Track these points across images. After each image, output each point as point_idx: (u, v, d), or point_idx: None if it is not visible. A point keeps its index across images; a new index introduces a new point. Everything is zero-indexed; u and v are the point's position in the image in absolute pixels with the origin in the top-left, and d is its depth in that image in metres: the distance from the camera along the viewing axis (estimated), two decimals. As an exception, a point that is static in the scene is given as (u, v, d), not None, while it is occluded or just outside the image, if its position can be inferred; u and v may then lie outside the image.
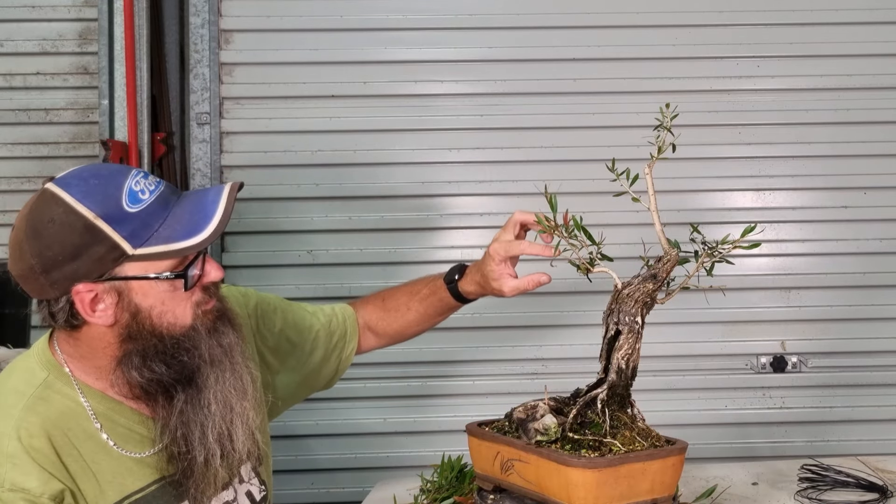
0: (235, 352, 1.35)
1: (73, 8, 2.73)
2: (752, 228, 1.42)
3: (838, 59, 2.78)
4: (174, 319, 1.28)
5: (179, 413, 1.29)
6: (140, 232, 1.23)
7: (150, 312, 1.27)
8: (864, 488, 1.73)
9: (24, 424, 1.24)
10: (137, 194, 1.25)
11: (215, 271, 1.31)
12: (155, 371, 1.27)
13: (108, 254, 1.22)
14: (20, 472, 1.22)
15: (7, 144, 2.72)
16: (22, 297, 2.50)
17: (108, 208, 1.22)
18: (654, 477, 1.37)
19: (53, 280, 1.23)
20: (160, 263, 1.25)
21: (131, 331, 1.27)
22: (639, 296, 1.45)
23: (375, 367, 2.73)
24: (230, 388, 1.33)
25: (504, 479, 1.47)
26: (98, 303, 1.25)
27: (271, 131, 2.74)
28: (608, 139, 2.70)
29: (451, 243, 2.77)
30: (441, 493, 1.68)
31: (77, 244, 1.21)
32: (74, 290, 1.23)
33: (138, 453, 1.33)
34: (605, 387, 1.45)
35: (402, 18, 2.76)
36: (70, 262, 1.22)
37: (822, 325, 2.79)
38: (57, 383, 1.30)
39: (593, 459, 1.33)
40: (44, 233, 1.22)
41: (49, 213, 1.23)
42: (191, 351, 1.29)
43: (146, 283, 1.25)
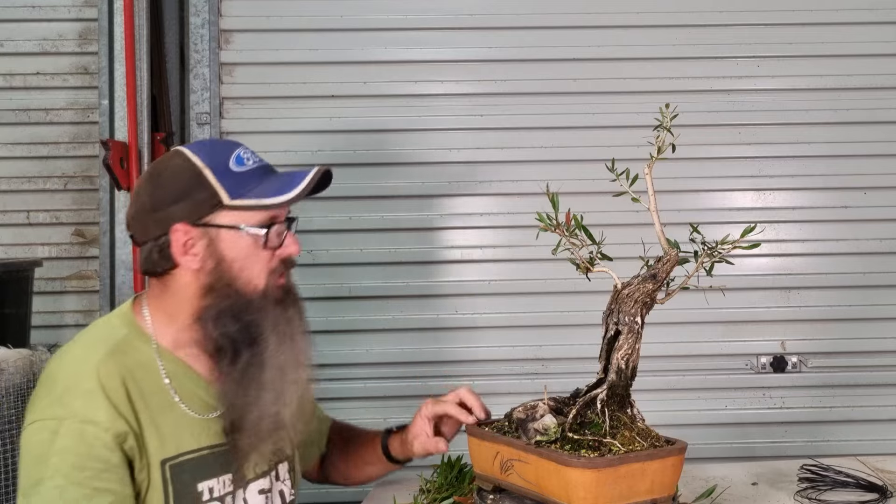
0: (296, 327, 1.48)
1: (73, 8, 2.73)
2: (752, 229, 1.42)
3: (838, 59, 2.78)
4: (250, 277, 1.43)
5: (241, 370, 1.42)
6: (238, 188, 1.42)
7: (232, 264, 1.42)
8: (863, 488, 1.73)
9: (102, 366, 1.37)
10: (243, 160, 1.46)
11: (294, 245, 1.48)
12: (227, 327, 1.41)
13: (208, 200, 1.41)
14: (93, 406, 1.34)
15: (7, 144, 2.72)
16: (22, 297, 2.52)
17: (216, 163, 1.42)
18: (653, 477, 1.37)
19: (158, 218, 1.41)
20: (249, 216, 1.42)
21: (213, 280, 1.42)
22: (638, 296, 1.45)
23: (375, 367, 2.74)
24: (288, 357, 1.46)
25: (504, 478, 1.47)
26: (191, 246, 1.41)
27: (271, 131, 2.74)
28: (608, 139, 2.70)
29: (451, 243, 2.78)
30: (441, 493, 1.68)
31: (184, 188, 1.41)
32: (173, 229, 1.40)
33: (199, 415, 1.45)
34: (605, 387, 1.45)
35: (402, 18, 2.76)
36: (175, 202, 1.40)
37: (822, 325, 2.79)
38: (135, 341, 1.44)
39: (593, 459, 1.33)
40: (160, 176, 1.44)
41: (169, 162, 1.45)
42: (259, 312, 1.43)
43: (234, 234, 1.42)
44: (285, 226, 1.47)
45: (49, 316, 2.71)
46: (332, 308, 2.75)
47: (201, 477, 1.43)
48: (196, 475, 1.43)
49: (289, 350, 1.46)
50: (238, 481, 1.48)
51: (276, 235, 1.44)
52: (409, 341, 2.75)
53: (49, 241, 2.73)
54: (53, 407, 1.35)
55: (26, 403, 1.97)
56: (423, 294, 2.76)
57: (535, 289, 2.74)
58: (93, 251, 2.72)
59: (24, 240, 2.73)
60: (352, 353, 2.73)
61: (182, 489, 1.41)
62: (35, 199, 2.73)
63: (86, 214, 2.73)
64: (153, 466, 1.38)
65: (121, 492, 1.34)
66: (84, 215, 2.73)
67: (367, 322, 2.75)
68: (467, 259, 2.78)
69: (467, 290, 2.76)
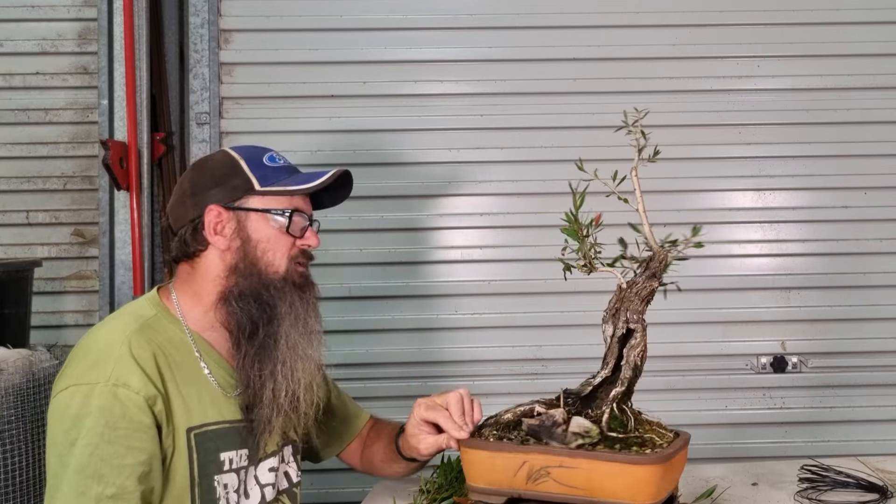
0: (311, 311, 1.61)
1: (73, 8, 2.73)
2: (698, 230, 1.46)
3: (838, 59, 2.78)
4: (273, 259, 1.58)
5: (259, 346, 1.54)
6: (268, 178, 1.61)
7: (257, 246, 1.57)
8: (863, 489, 1.73)
9: (134, 337, 1.49)
10: (275, 158, 1.66)
11: (314, 238, 1.66)
12: (248, 307, 1.54)
13: (241, 185, 1.58)
14: (125, 370, 1.45)
15: (6, 144, 2.72)
16: (21, 298, 2.52)
17: (251, 157, 1.63)
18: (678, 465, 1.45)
19: (196, 201, 1.58)
20: (276, 201, 1.60)
21: (238, 260, 1.56)
22: (645, 294, 1.47)
23: (375, 367, 2.73)
24: (300, 337, 1.58)
25: (531, 488, 1.41)
26: (221, 227, 1.56)
27: (271, 131, 2.74)
28: (608, 139, 2.68)
29: (451, 243, 2.77)
30: (440, 494, 1.68)
31: (222, 175, 1.59)
32: (208, 209, 1.57)
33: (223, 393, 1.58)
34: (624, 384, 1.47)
35: (402, 18, 2.76)
36: (213, 187, 1.58)
37: (822, 326, 2.79)
38: (164, 320, 1.57)
39: (656, 455, 1.37)
40: (203, 167, 1.64)
41: (213, 156, 1.67)
42: (277, 294, 1.56)
43: (261, 218, 1.58)
44: (307, 220, 1.64)
45: (49, 316, 2.71)
46: (332, 308, 2.73)
47: (224, 447, 1.55)
48: (220, 444, 1.54)
49: (302, 331, 1.58)
50: (252, 457, 1.59)
51: (298, 223, 1.60)
52: (409, 341, 2.75)
53: (48, 241, 2.73)
54: (87, 373, 1.45)
55: (26, 404, 1.98)
56: (423, 294, 2.76)
57: (535, 289, 2.74)
58: (92, 251, 2.72)
59: (23, 240, 2.72)
60: (352, 353, 2.73)
61: (206, 457, 1.52)
62: (34, 199, 2.73)
63: (85, 214, 2.73)
64: (179, 433, 1.49)
65: (152, 451, 1.45)
66: (83, 215, 2.73)
67: (367, 322, 2.74)
68: (467, 259, 2.78)
69: (467, 290, 2.76)
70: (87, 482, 1.40)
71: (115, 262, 2.63)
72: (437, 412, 1.61)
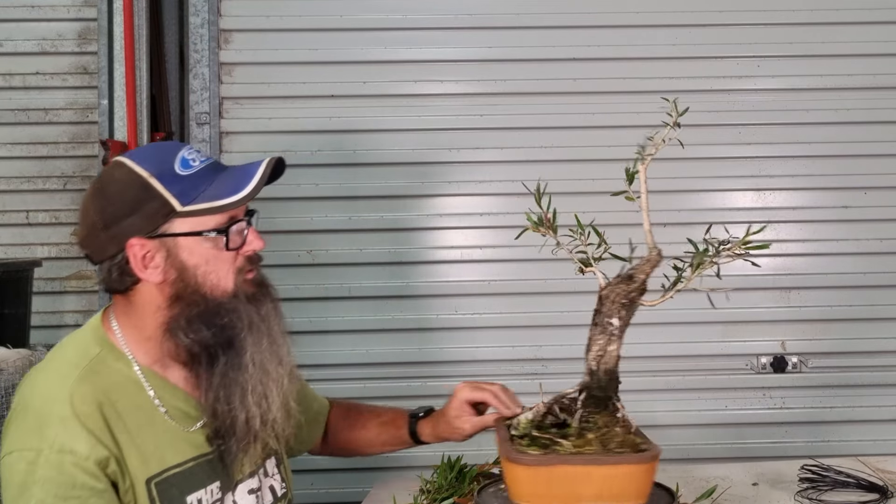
0: (272, 321, 1.45)
1: (73, 8, 2.73)
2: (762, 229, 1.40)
3: (838, 59, 2.78)
4: (217, 281, 1.39)
5: (221, 374, 1.39)
6: (188, 192, 1.36)
7: (196, 271, 1.37)
8: (864, 489, 1.73)
9: (77, 391, 1.32)
10: (189, 161, 1.40)
11: (258, 241, 1.44)
12: (199, 333, 1.37)
13: (160, 209, 1.35)
14: (70, 435, 1.29)
15: (6, 144, 2.72)
16: (21, 297, 2.52)
17: (161, 170, 1.36)
18: (601, 483, 1.33)
19: (112, 235, 1.36)
20: (205, 221, 1.37)
21: (178, 290, 1.37)
22: (614, 297, 1.42)
23: (375, 367, 2.73)
24: (266, 354, 1.42)
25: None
26: (150, 259, 1.36)
27: (271, 131, 2.74)
28: (608, 139, 2.70)
29: (451, 243, 2.77)
30: (440, 494, 1.67)
31: (133, 200, 1.35)
32: (129, 245, 1.35)
33: (182, 428, 1.42)
34: (577, 388, 1.44)
35: (402, 18, 2.76)
36: (127, 217, 1.35)
37: (822, 326, 2.79)
38: (109, 358, 1.39)
39: (528, 456, 1.34)
40: (107, 192, 1.38)
41: (113, 176, 1.39)
42: (231, 314, 1.39)
43: (192, 240, 1.37)
44: (246, 222, 1.43)
45: (48, 316, 2.71)
46: (332, 308, 2.74)
47: (189, 489, 1.41)
48: (184, 489, 1.40)
49: (267, 347, 1.43)
50: (226, 487, 1.45)
51: (237, 235, 1.40)
52: (409, 341, 2.75)
53: (48, 241, 2.73)
54: (29, 437, 1.30)
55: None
56: (423, 294, 2.76)
57: (535, 289, 2.74)
58: (92, 251, 2.72)
59: (23, 240, 2.72)
60: (352, 353, 2.73)
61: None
62: (34, 199, 2.73)
63: (85, 214, 2.72)
64: (138, 486, 1.35)
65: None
66: (83, 215, 2.73)
67: (367, 322, 2.74)
68: (467, 259, 2.78)
69: (467, 290, 2.76)
70: None
71: (114, 262, 2.62)
72: (483, 392, 1.67)
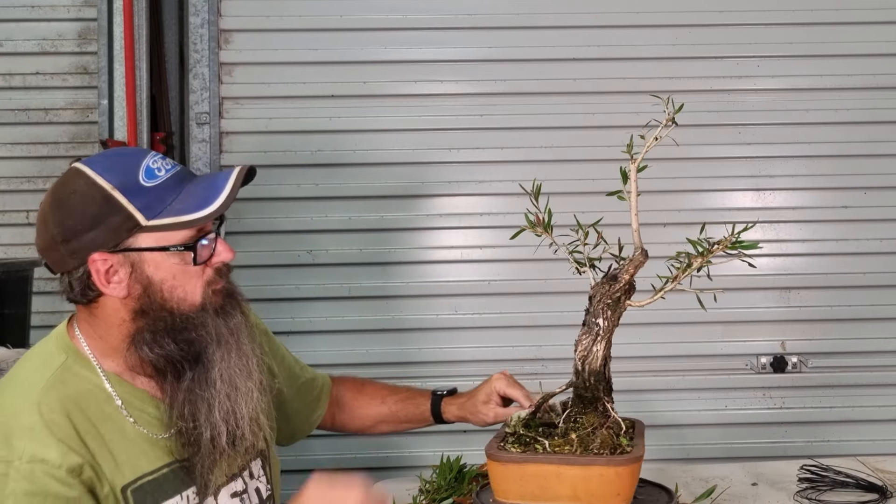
0: (242, 334, 1.40)
1: (73, 8, 2.72)
2: (749, 227, 1.41)
3: (838, 59, 2.78)
4: (184, 295, 1.34)
5: (187, 390, 1.34)
6: (154, 205, 1.30)
7: (162, 286, 1.32)
8: (863, 489, 1.73)
9: (44, 400, 1.28)
10: (154, 171, 1.33)
11: (226, 252, 1.37)
12: (164, 347, 1.32)
13: (123, 224, 1.29)
14: (40, 444, 1.25)
15: (6, 144, 2.72)
16: (22, 297, 2.51)
17: (125, 182, 1.30)
18: (574, 483, 1.34)
19: (73, 249, 1.30)
20: (172, 235, 1.31)
21: (143, 304, 1.32)
22: (599, 297, 1.43)
23: (375, 367, 2.73)
24: (235, 368, 1.37)
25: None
26: (113, 274, 1.30)
27: (271, 131, 2.74)
28: (608, 139, 2.69)
29: (450, 243, 2.77)
30: (440, 494, 1.67)
31: (95, 214, 1.29)
32: (91, 260, 1.29)
33: (153, 434, 1.37)
34: (564, 386, 1.45)
35: (402, 18, 2.75)
36: (88, 231, 1.29)
37: (822, 326, 2.79)
38: (75, 366, 1.34)
39: (501, 453, 1.37)
40: (66, 203, 1.30)
41: (72, 186, 1.31)
42: (199, 328, 1.34)
43: (158, 255, 1.31)
44: (214, 232, 1.37)
45: (48, 316, 2.70)
46: (332, 308, 2.74)
47: (163, 497, 1.36)
48: (158, 496, 1.35)
49: (236, 361, 1.38)
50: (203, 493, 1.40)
51: (204, 249, 1.34)
52: (409, 341, 2.75)
53: (49, 241, 2.72)
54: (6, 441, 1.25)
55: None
56: (423, 294, 2.76)
57: (535, 289, 2.74)
58: (92, 251, 2.72)
59: (23, 240, 2.72)
60: (352, 353, 2.73)
61: None
62: (35, 199, 2.72)
63: (85, 214, 2.73)
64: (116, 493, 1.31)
65: None
66: (84, 215, 2.73)
67: (367, 322, 2.74)
68: (467, 259, 2.78)
69: (467, 290, 2.76)
70: None
71: (114, 262, 2.63)
72: (517, 390, 1.75)
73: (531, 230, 1.50)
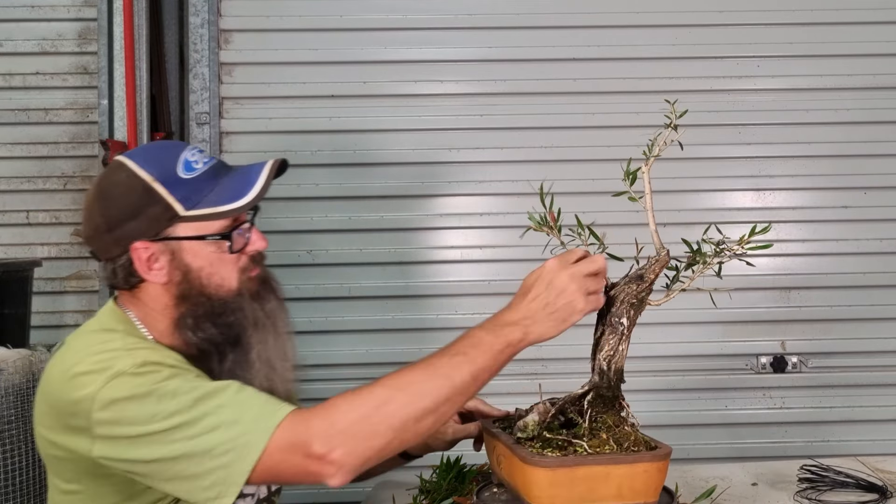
0: (277, 317, 1.47)
1: (73, 8, 2.73)
2: (766, 229, 1.41)
3: (838, 59, 2.78)
4: (221, 281, 1.41)
5: (228, 371, 1.40)
6: (191, 196, 1.38)
7: (200, 273, 1.40)
8: (863, 489, 1.73)
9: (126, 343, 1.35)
10: (192, 164, 1.40)
11: (260, 241, 1.45)
12: (206, 331, 1.40)
13: (163, 214, 1.37)
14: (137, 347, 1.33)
15: (6, 144, 2.72)
16: (21, 297, 2.52)
17: (164, 174, 1.38)
18: (620, 482, 1.34)
19: (116, 238, 1.38)
20: (209, 225, 1.39)
21: (183, 290, 1.40)
22: (624, 296, 1.43)
23: (375, 367, 2.73)
24: (272, 350, 1.44)
25: (500, 473, 1.50)
26: (154, 261, 1.38)
27: (271, 131, 2.74)
28: (608, 139, 2.70)
29: (450, 243, 2.77)
30: (440, 494, 1.67)
31: (136, 204, 1.37)
32: (133, 248, 1.37)
33: None
34: (588, 387, 1.44)
35: (402, 18, 2.76)
36: (130, 220, 1.37)
37: (822, 326, 2.79)
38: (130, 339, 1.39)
39: (548, 458, 1.34)
40: (109, 195, 1.39)
41: (115, 178, 1.40)
42: (236, 312, 1.41)
43: (196, 244, 1.39)
44: (248, 221, 1.44)
45: (48, 316, 2.71)
46: (332, 308, 2.74)
47: None
48: None
49: (272, 343, 1.45)
50: None
51: (240, 237, 1.42)
52: (409, 341, 2.75)
53: (48, 241, 2.73)
54: (115, 360, 1.29)
55: (26, 403, 1.97)
56: (423, 294, 2.76)
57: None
58: (92, 251, 2.72)
59: (23, 240, 2.72)
60: (352, 353, 2.73)
61: None
62: (34, 199, 2.73)
63: (85, 214, 2.73)
64: None
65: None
66: (83, 215, 2.73)
67: (367, 322, 2.75)
68: (467, 259, 2.78)
69: (467, 290, 2.76)
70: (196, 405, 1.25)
71: (115, 262, 2.63)
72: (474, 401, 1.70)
73: (538, 230, 1.50)
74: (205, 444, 1.24)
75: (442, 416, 1.30)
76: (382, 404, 1.26)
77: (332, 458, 1.25)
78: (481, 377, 1.32)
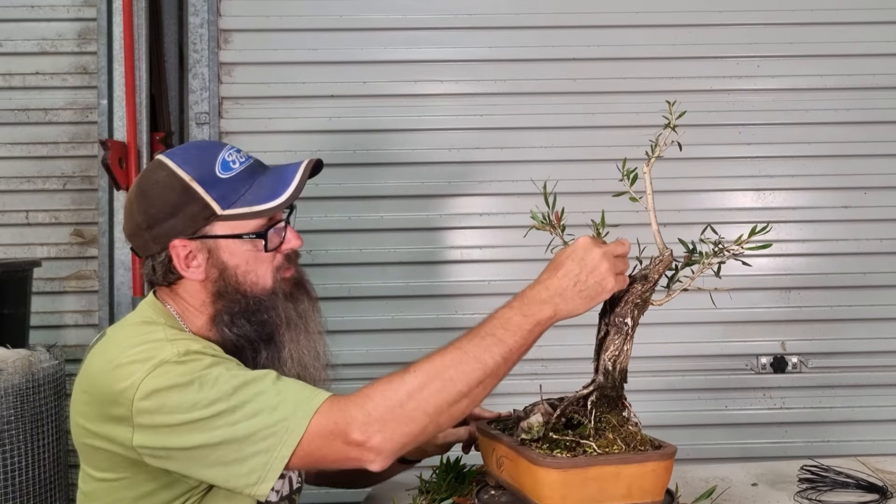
0: (310, 318, 1.51)
1: (72, 8, 2.73)
2: (766, 229, 1.41)
3: (838, 59, 2.78)
4: (256, 279, 1.45)
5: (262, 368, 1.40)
6: (228, 195, 1.41)
7: (236, 271, 1.43)
8: (863, 489, 1.73)
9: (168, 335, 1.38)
10: (229, 164, 1.44)
11: (295, 240, 1.49)
12: (241, 328, 1.44)
13: (201, 212, 1.40)
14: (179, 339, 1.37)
15: (6, 144, 2.72)
16: (21, 298, 2.52)
17: (203, 173, 1.41)
18: (630, 481, 1.34)
19: (155, 235, 1.42)
20: (245, 224, 1.42)
21: (220, 288, 1.43)
22: (628, 296, 1.43)
23: (375, 367, 2.73)
24: (304, 349, 1.48)
25: (499, 475, 1.49)
26: (192, 259, 1.42)
27: (271, 131, 2.74)
28: (608, 139, 2.70)
29: (451, 243, 2.77)
30: (440, 494, 1.67)
31: (175, 203, 1.40)
32: (172, 245, 1.41)
33: None
34: (593, 388, 1.44)
35: (402, 18, 2.76)
36: (169, 218, 1.40)
37: (823, 326, 2.79)
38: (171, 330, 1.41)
39: (559, 460, 1.33)
40: (149, 193, 1.42)
41: (155, 177, 1.43)
42: (270, 311, 1.45)
43: (233, 242, 1.43)
44: (284, 220, 1.48)
45: (48, 316, 2.71)
46: (332, 308, 2.73)
47: None
48: None
49: (305, 342, 1.48)
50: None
51: (275, 236, 1.45)
52: (409, 341, 2.75)
53: (48, 241, 2.73)
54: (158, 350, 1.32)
55: (26, 404, 1.98)
56: (422, 294, 2.76)
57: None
58: (91, 251, 2.72)
59: (23, 240, 2.72)
60: (352, 353, 2.73)
61: None
62: (34, 199, 2.73)
63: (85, 214, 2.73)
64: None
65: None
66: (83, 215, 2.73)
67: (367, 322, 2.75)
68: (467, 259, 2.78)
69: (467, 290, 2.76)
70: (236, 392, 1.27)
71: (114, 262, 2.63)
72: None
73: (541, 228, 1.50)
74: (245, 429, 1.26)
75: (475, 399, 1.32)
76: (416, 391, 1.29)
77: (371, 445, 1.27)
78: (512, 358, 1.34)
